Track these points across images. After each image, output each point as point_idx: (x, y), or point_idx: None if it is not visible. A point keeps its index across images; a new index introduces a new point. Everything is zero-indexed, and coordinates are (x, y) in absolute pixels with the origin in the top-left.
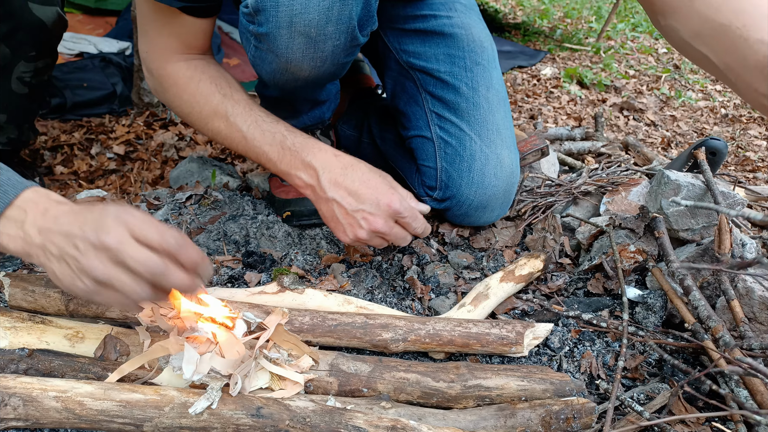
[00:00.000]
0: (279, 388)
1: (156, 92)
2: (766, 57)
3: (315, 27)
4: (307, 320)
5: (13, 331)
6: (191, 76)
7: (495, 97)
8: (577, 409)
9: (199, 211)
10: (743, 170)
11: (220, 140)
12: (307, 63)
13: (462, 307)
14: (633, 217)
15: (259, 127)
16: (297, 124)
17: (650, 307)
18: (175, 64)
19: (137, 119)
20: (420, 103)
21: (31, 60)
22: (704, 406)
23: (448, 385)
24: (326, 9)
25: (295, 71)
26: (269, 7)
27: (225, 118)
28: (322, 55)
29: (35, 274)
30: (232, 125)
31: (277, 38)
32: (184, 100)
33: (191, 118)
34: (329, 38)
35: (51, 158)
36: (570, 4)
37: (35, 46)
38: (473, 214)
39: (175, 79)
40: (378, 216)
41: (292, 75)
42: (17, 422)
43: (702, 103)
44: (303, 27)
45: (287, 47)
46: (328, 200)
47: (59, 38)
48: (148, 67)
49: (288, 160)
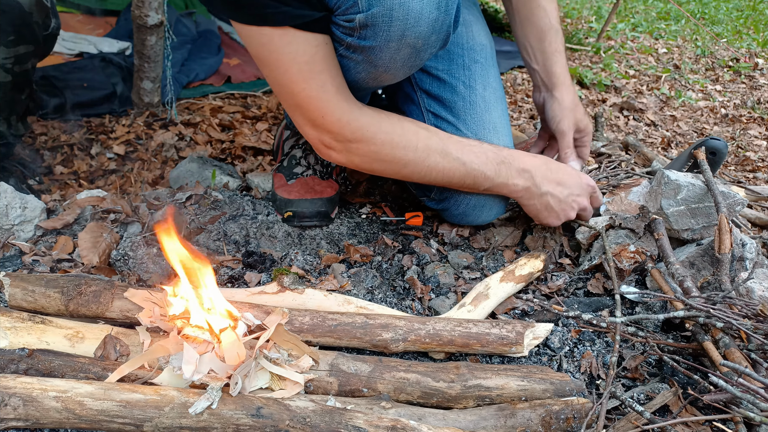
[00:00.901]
0: (279, 388)
1: (355, 154)
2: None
3: (423, 39)
4: (307, 320)
5: (13, 331)
6: (384, 116)
7: (492, 96)
8: (577, 409)
9: (199, 211)
10: (743, 170)
11: (434, 175)
12: (404, 72)
13: (462, 307)
14: (633, 217)
15: (472, 152)
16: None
17: (650, 308)
18: (358, 110)
19: (137, 119)
20: (416, 102)
21: (10, 45)
22: (704, 406)
23: (448, 385)
24: (434, 20)
25: (385, 79)
26: (381, 22)
27: (440, 152)
28: (420, 63)
29: (35, 274)
30: (448, 155)
31: (383, 51)
32: (395, 142)
33: (408, 158)
34: (431, 47)
35: (51, 158)
36: (570, 4)
37: (13, 30)
38: (471, 213)
39: (369, 123)
40: (583, 196)
41: (376, 83)
42: (17, 422)
43: (702, 103)
44: (413, 40)
45: (391, 59)
46: (542, 194)
47: (42, 25)
48: (329, 130)
49: (504, 172)
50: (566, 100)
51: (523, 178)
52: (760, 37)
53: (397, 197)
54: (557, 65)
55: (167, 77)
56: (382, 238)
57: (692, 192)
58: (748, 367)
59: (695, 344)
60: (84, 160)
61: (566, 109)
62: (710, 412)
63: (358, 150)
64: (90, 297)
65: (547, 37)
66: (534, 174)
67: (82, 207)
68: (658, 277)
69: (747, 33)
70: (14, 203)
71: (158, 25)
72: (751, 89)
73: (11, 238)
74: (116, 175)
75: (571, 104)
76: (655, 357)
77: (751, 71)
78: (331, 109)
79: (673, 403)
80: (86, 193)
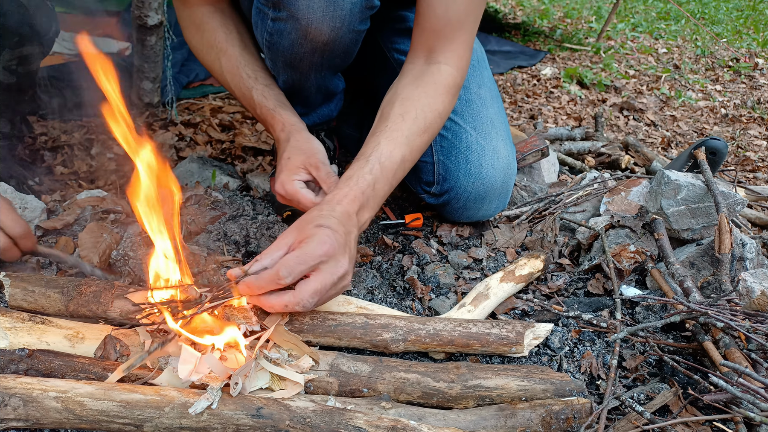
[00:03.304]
0: (279, 388)
1: (181, 27)
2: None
3: None
4: (307, 320)
5: (13, 331)
6: (198, 25)
7: (487, 94)
8: (577, 409)
9: (199, 211)
10: (743, 170)
11: (221, 80)
12: (327, 24)
13: (462, 307)
14: (632, 217)
15: (240, 89)
16: (308, 122)
17: (650, 308)
18: (189, 9)
19: (137, 119)
20: None
21: (14, 47)
22: (704, 406)
23: (449, 385)
24: None
25: (315, 36)
26: None
27: (220, 73)
28: (341, 14)
29: (35, 274)
30: (226, 81)
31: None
32: (194, 46)
33: (203, 63)
34: None
35: (51, 158)
36: (570, 4)
37: (17, 31)
38: (472, 206)
39: (188, 23)
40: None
41: (311, 44)
42: (17, 422)
43: (702, 103)
44: None
45: (308, 7)
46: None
47: (45, 27)
48: (175, 6)
49: (263, 125)
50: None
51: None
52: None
53: (397, 197)
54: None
55: (167, 77)
56: (382, 238)
57: (692, 192)
58: (748, 367)
59: (695, 344)
60: (84, 160)
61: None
62: (710, 412)
63: (181, 26)
64: (90, 297)
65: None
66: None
67: (82, 207)
68: (658, 277)
69: (747, 33)
70: (14, 203)
71: (158, 25)
72: (751, 89)
73: None
74: (116, 175)
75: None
76: (656, 357)
77: (751, 71)
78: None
79: (673, 403)
80: (86, 194)
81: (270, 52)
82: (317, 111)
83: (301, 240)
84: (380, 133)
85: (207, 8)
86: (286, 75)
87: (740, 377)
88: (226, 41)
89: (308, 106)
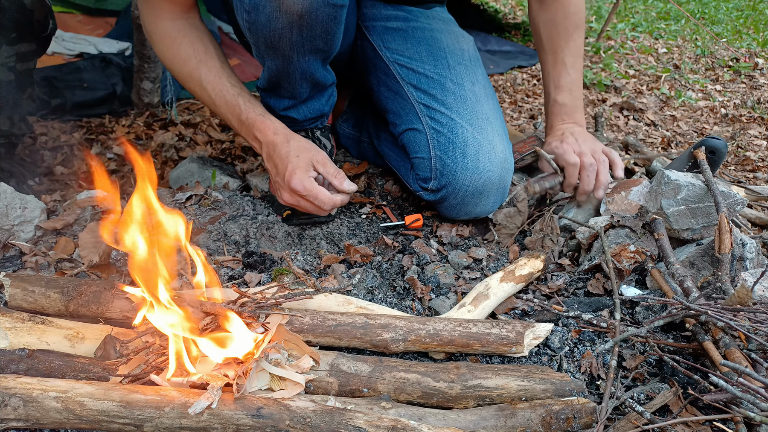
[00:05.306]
0: (279, 388)
1: (150, 43)
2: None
3: None
4: (307, 320)
5: (13, 331)
6: (174, 38)
7: (482, 91)
8: (577, 409)
9: (199, 211)
10: (743, 170)
11: (197, 99)
12: None
13: (462, 307)
14: (632, 217)
15: (223, 97)
16: (299, 116)
17: (650, 307)
18: (162, 23)
19: (137, 120)
20: (405, 97)
21: (12, 43)
22: (704, 406)
23: (449, 385)
24: None
25: (288, 6)
26: None
27: (199, 83)
28: None
29: (35, 275)
30: (204, 90)
31: None
32: (168, 58)
33: (174, 74)
34: None
35: (51, 158)
36: None
37: (15, 27)
38: (470, 202)
39: (161, 36)
40: (284, 189)
41: (286, 16)
42: (17, 423)
43: (702, 103)
44: None
45: None
46: (267, 169)
47: (42, 25)
48: (142, 21)
49: (244, 131)
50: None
51: (257, 144)
52: (760, 37)
53: (397, 197)
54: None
55: (167, 77)
56: (382, 238)
57: (692, 192)
58: (749, 367)
59: (695, 344)
60: (84, 160)
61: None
62: (710, 412)
63: (150, 42)
64: (90, 297)
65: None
66: (263, 148)
67: (82, 207)
68: (658, 277)
69: (747, 33)
70: (14, 203)
71: None
72: (751, 89)
73: (11, 238)
74: (116, 175)
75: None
76: (656, 357)
77: (751, 71)
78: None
79: (673, 403)
80: (86, 194)
81: (251, 34)
82: (307, 104)
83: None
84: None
85: (182, 22)
86: (270, 60)
87: (740, 377)
88: (206, 53)
89: (296, 97)
